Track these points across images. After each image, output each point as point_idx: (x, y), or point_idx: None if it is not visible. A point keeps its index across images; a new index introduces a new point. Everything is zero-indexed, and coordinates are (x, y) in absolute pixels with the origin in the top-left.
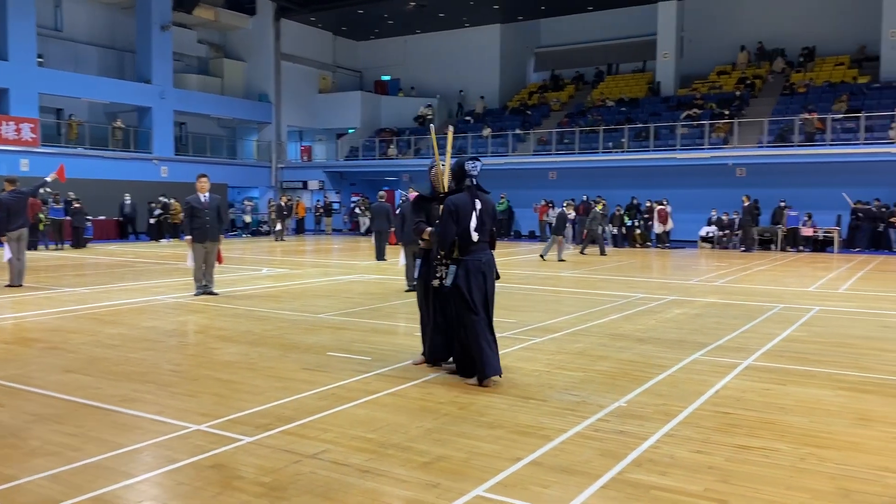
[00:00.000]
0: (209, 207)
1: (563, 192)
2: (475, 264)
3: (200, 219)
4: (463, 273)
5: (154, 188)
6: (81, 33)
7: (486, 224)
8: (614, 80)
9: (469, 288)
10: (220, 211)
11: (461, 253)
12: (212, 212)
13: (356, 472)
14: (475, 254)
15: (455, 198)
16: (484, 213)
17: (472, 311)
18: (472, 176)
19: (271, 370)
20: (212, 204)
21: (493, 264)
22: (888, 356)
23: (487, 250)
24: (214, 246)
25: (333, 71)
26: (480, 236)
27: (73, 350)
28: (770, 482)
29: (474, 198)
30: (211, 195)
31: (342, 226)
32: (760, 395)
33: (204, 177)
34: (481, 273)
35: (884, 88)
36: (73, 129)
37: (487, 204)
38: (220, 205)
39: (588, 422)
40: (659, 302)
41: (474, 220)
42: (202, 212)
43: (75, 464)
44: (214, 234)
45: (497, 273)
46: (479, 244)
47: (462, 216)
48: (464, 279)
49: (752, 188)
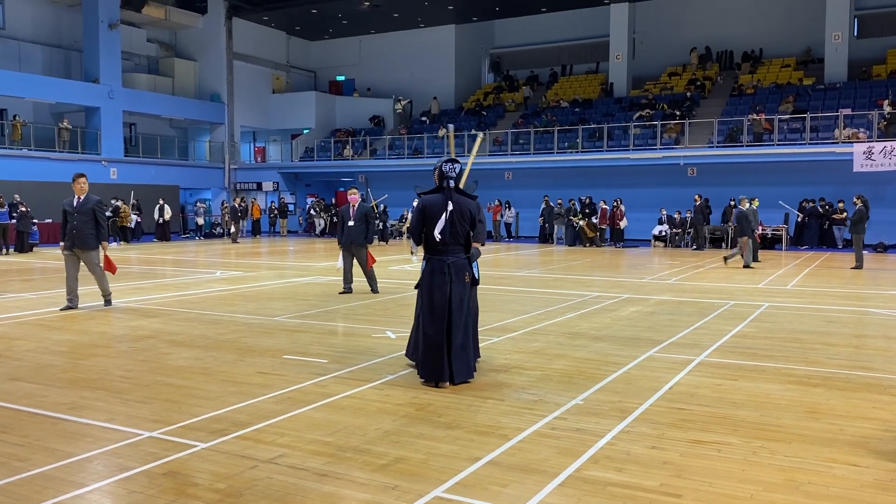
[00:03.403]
0: (80, 211)
1: (518, 193)
2: (438, 264)
3: (70, 223)
4: (427, 272)
5: (103, 190)
6: (25, 31)
7: (456, 226)
8: (568, 81)
9: (429, 287)
10: (96, 215)
11: (427, 252)
12: (83, 216)
13: (314, 476)
14: (441, 255)
15: (427, 197)
16: (455, 216)
17: (425, 311)
18: (450, 178)
19: (226, 375)
20: (84, 207)
21: (461, 267)
22: (834, 350)
23: (458, 253)
24: (86, 254)
25: (287, 71)
26: (447, 238)
27: (19, 357)
28: (723, 476)
29: (447, 199)
30: (87, 197)
31: (297, 227)
32: (713, 391)
33: (81, 177)
34: (443, 274)
35: (828, 90)
36: (17, 130)
37: (463, 207)
38: (96, 208)
39: (545, 420)
40: (613, 300)
41: (442, 221)
42: (72, 216)
43: (22, 475)
44: (84, 240)
45: (473, 278)
46: (446, 246)
47: (429, 216)
48: (426, 278)
49: (704, 187)
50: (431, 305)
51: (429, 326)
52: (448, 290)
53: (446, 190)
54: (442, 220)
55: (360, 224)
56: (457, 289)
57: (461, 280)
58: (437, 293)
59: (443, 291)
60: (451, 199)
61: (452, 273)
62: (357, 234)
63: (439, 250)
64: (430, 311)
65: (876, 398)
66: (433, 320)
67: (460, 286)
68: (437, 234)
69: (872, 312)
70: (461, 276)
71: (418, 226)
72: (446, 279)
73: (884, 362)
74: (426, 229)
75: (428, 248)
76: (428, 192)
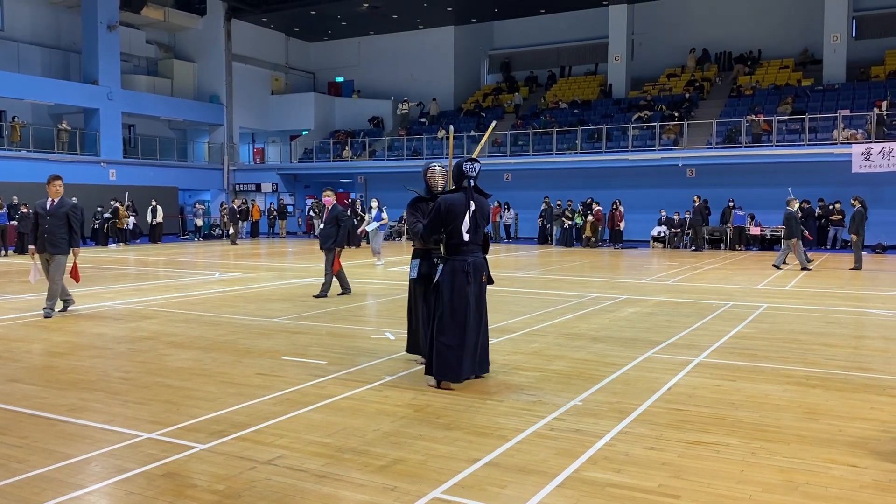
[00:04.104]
0: (53, 214)
1: (517, 194)
2: (461, 265)
3: (41, 226)
4: (448, 272)
5: (102, 192)
6: (24, 33)
7: (479, 226)
8: (567, 82)
9: (450, 288)
10: (70, 219)
11: (449, 252)
12: (55, 220)
13: (312, 477)
14: (463, 255)
15: (449, 196)
16: (478, 215)
17: (446, 312)
18: (471, 177)
19: (225, 376)
20: (57, 210)
21: (480, 267)
22: (833, 351)
23: (477, 253)
24: (54, 259)
25: (286, 72)
26: (472, 237)
27: (18, 359)
28: (721, 476)
29: (469, 199)
30: (62, 200)
31: (297, 229)
32: (712, 392)
33: (57, 179)
34: (465, 274)
35: (826, 91)
36: (16, 132)
37: (482, 206)
38: (70, 213)
39: (544, 421)
40: (612, 301)
41: (467, 221)
42: (44, 218)
43: (20, 476)
44: (55, 244)
45: (489, 277)
46: (469, 246)
47: (453, 216)
48: (448, 278)
49: (702, 188)
50: (452, 305)
51: (449, 326)
52: (468, 290)
53: (468, 189)
54: (467, 220)
55: (331, 227)
56: (476, 289)
57: (479, 280)
58: (458, 293)
59: (464, 291)
60: (473, 199)
61: (472, 273)
62: (326, 237)
63: (462, 250)
64: (451, 311)
65: (874, 399)
66: (453, 320)
67: (478, 286)
68: (465, 234)
69: (871, 313)
70: (479, 276)
71: (437, 226)
72: (469, 279)
73: (882, 363)
74: (447, 229)
75: (449, 249)
76: (448, 192)
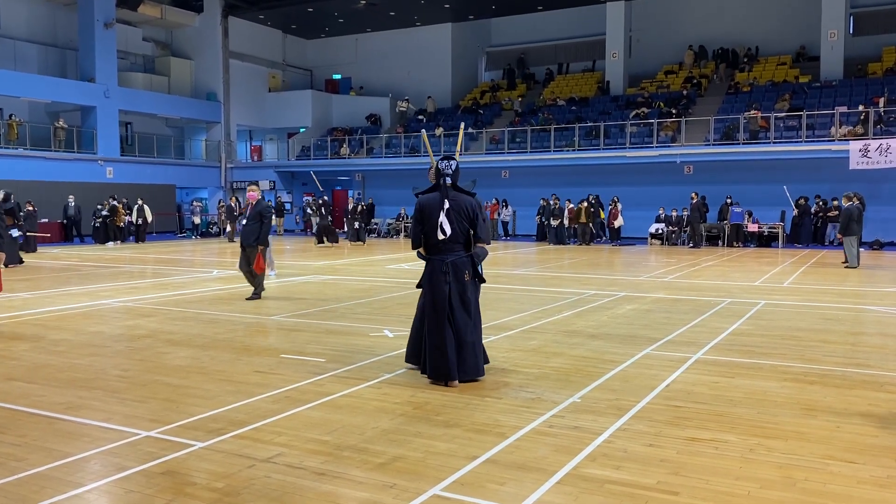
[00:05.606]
0: None
1: (515, 191)
2: (439, 264)
3: None
4: (427, 272)
5: (99, 189)
6: (20, 30)
7: (454, 224)
8: (565, 79)
9: (429, 286)
10: None
11: (429, 252)
12: None
13: (312, 474)
14: (442, 254)
15: (424, 196)
16: (453, 213)
17: (427, 310)
18: (445, 175)
19: (223, 374)
20: None
21: (462, 265)
22: (831, 348)
23: (458, 251)
24: None
25: (283, 69)
26: (447, 236)
27: (16, 357)
28: (720, 473)
29: (444, 197)
30: None
31: (294, 226)
32: (710, 388)
33: None
34: (443, 273)
35: (824, 87)
36: (13, 130)
37: (460, 204)
38: None
39: (543, 418)
40: (610, 298)
41: (442, 219)
42: None
43: (19, 474)
44: None
45: (479, 276)
46: (447, 244)
47: (428, 214)
48: (426, 278)
49: (700, 185)
50: (433, 304)
51: (432, 325)
52: (447, 288)
53: (442, 187)
54: (441, 219)
55: (254, 223)
56: (456, 287)
57: (461, 279)
58: (437, 292)
59: (442, 290)
60: (447, 197)
61: (451, 272)
62: (249, 233)
63: (440, 249)
64: (433, 310)
65: (872, 395)
66: (435, 319)
67: (460, 284)
68: (438, 232)
69: (869, 310)
70: (461, 275)
71: (417, 226)
72: (446, 278)
73: (880, 359)
74: (425, 228)
75: (428, 248)
76: (425, 192)
